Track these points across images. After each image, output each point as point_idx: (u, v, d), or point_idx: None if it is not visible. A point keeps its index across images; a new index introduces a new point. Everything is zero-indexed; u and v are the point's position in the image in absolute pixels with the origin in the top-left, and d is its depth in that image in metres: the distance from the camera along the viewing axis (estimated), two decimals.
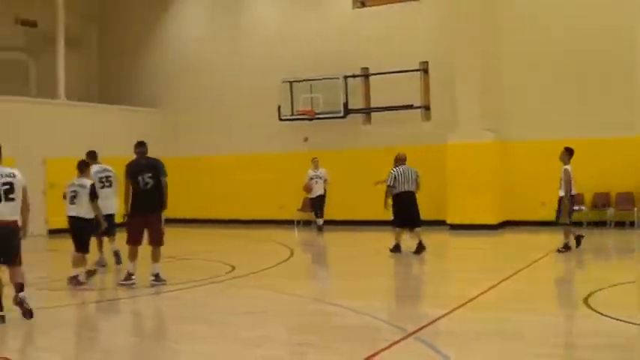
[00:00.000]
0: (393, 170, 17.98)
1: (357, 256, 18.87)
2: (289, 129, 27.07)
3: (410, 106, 24.92)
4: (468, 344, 9.08)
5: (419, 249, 17.78)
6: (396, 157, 18.28)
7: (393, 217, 18.24)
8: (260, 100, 27.66)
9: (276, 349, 9.17)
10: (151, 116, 30.01)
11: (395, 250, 17.95)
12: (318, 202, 24.14)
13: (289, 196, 26.33)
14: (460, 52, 23.50)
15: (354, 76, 25.97)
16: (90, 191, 14.35)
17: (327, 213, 24.32)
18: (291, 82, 26.53)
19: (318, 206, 24.17)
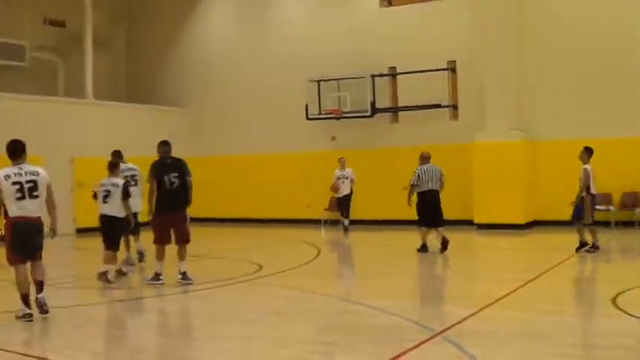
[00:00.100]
0: (417, 169, 17.99)
1: (383, 256, 18.85)
2: (316, 128, 27.07)
3: (437, 106, 24.87)
4: (494, 344, 9.03)
5: (444, 246, 17.81)
6: (421, 156, 18.25)
7: (417, 217, 18.23)
8: (287, 100, 27.67)
9: (303, 348, 9.15)
10: (178, 116, 30.11)
11: (422, 250, 17.89)
12: (344, 202, 24.06)
13: (316, 196, 26.34)
14: (488, 51, 23.43)
15: (381, 75, 25.90)
16: (122, 190, 14.59)
17: (354, 213, 24.26)
18: (319, 82, 26.49)
19: (344, 206, 24.10)
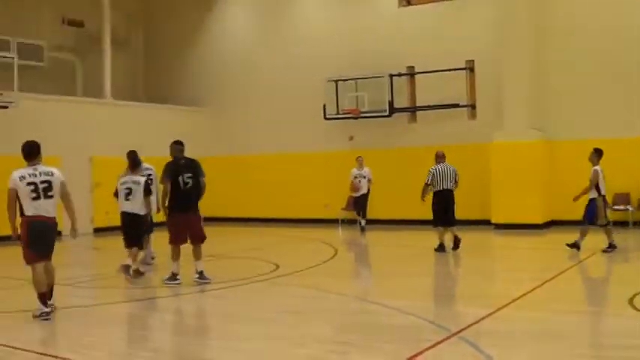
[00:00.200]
0: (431, 168, 18.04)
1: (400, 256, 18.84)
2: (334, 128, 27.07)
3: (456, 105, 24.83)
4: (511, 344, 9.01)
5: (455, 244, 17.94)
6: (436, 155, 18.30)
7: (433, 217, 18.25)
8: (305, 99, 27.68)
9: (320, 348, 9.15)
10: (196, 115, 30.17)
11: (439, 250, 17.88)
12: (361, 201, 24.03)
13: (334, 195, 26.35)
14: (506, 50, 23.37)
15: (399, 75, 25.87)
16: (144, 187, 14.74)
17: (371, 212, 24.25)
18: (337, 81, 26.50)
19: (360, 205, 24.07)
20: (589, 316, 10.68)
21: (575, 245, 17.05)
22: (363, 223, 23.84)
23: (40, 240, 10.97)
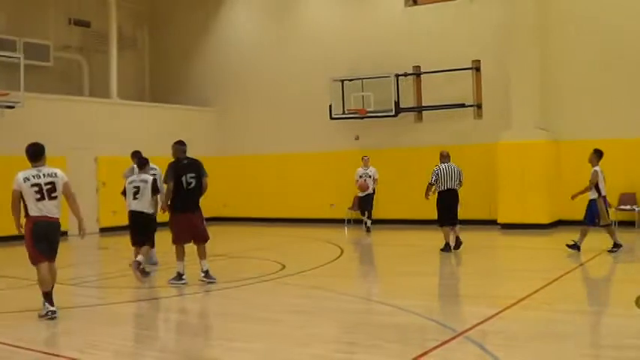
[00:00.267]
0: (435, 168, 18.08)
1: (406, 255, 18.83)
2: (340, 128, 27.04)
3: (462, 105, 24.78)
4: (517, 344, 8.97)
5: (457, 244, 18.01)
6: (440, 155, 18.34)
7: (437, 217, 18.27)
8: (311, 99, 27.65)
9: (325, 347, 9.14)
10: (203, 115, 30.16)
11: (445, 250, 17.87)
12: (366, 201, 24.00)
13: (340, 195, 26.32)
14: (513, 50, 23.30)
15: (405, 75, 25.82)
16: (152, 185, 14.79)
17: (377, 212, 24.23)
18: (342, 81, 26.47)
19: (365, 205, 24.04)
20: (595, 316, 10.65)
21: (575, 246, 17.03)
22: (368, 223, 23.80)
23: (45, 240, 11.06)
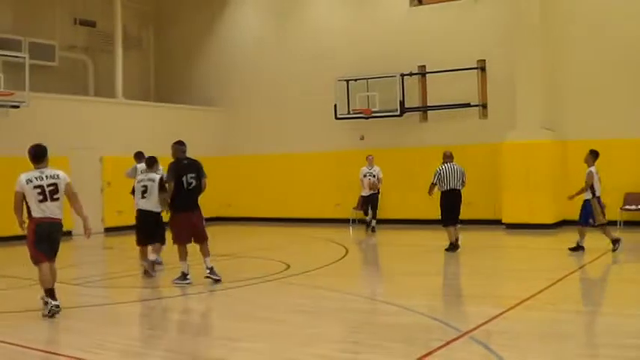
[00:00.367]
0: (438, 168, 18.12)
1: (411, 255, 18.81)
2: (345, 127, 27.03)
3: (467, 105, 24.75)
4: (521, 344, 8.96)
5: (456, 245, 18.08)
6: (443, 155, 18.36)
7: (441, 217, 18.31)
8: (316, 99, 27.63)
9: (330, 347, 9.14)
10: (208, 115, 30.16)
11: (450, 250, 17.89)
12: (370, 201, 23.96)
13: (345, 195, 26.29)
14: (518, 50, 23.25)
15: (410, 74, 25.78)
16: (159, 184, 14.87)
17: (382, 212, 24.22)
18: (348, 81, 26.46)
19: (369, 204, 23.95)
20: (599, 317, 10.63)
21: (578, 247, 17.01)
22: (373, 222, 23.77)
23: (47, 241, 11.20)
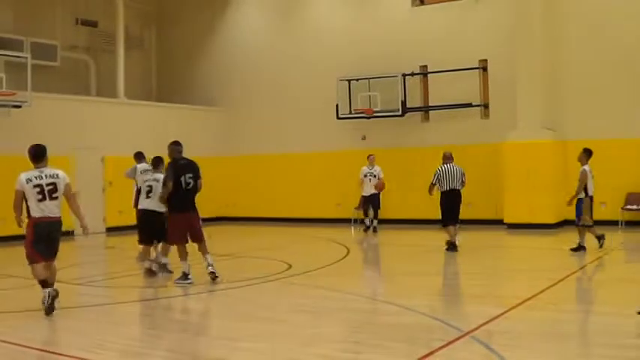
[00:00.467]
0: (437, 169, 18.16)
1: (412, 255, 18.82)
2: (347, 127, 27.03)
3: (469, 105, 24.76)
4: (523, 345, 8.95)
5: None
6: (443, 155, 18.41)
7: (441, 217, 18.35)
8: (318, 99, 27.64)
9: (331, 347, 9.14)
10: (209, 115, 30.17)
11: (450, 249, 17.89)
12: (371, 201, 23.88)
13: (346, 195, 26.27)
14: (520, 50, 23.24)
15: (412, 74, 25.80)
16: (163, 184, 14.80)
17: (384, 212, 24.21)
18: (349, 81, 26.47)
19: (370, 205, 23.88)
20: (601, 317, 10.62)
21: (580, 247, 17.01)
22: (375, 222, 23.78)
23: (46, 240, 11.32)
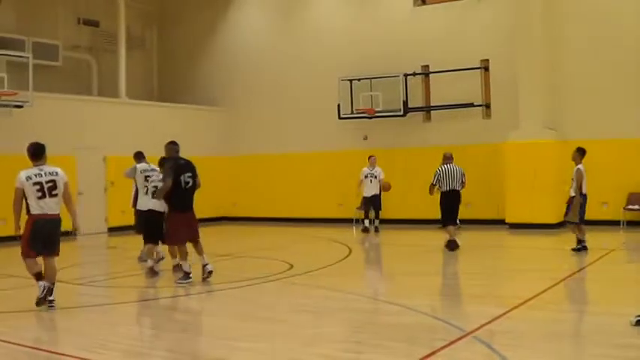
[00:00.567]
0: (437, 169, 18.20)
1: (413, 255, 18.80)
2: (349, 127, 27.02)
3: (470, 105, 24.75)
4: (525, 344, 8.94)
5: (455, 246, 18.06)
6: (443, 155, 18.46)
7: (441, 217, 18.40)
8: (319, 99, 27.63)
9: (332, 347, 9.13)
10: (211, 115, 30.16)
11: (451, 247, 17.92)
12: (372, 202, 23.85)
13: (348, 195, 26.22)
14: (522, 50, 23.21)
15: (414, 74, 25.78)
16: None
17: (386, 212, 24.22)
18: (351, 81, 26.45)
19: (370, 206, 23.86)
20: (602, 317, 10.61)
21: (581, 247, 17.01)
22: (376, 222, 23.78)
23: (42, 237, 11.51)
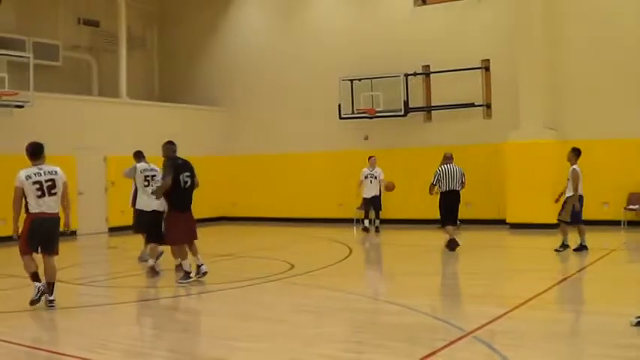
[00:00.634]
0: (438, 169, 18.23)
1: (414, 255, 18.79)
2: (349, 127, 27.00)
3: (471, 105, 24.73)
4: (525, 344, 8.94)
5: (454, 245, 18.05)
6: (443, 155, 18.50)
7: (440, 218, 18.45)
8: (320, 99, 27.63)
9: (333, 347, 9.12)
10: (211, 115, 30.15)
11: (451, 246, 17.93)
12: (372, 203, 23.83)
13: (348, 195, 26.19)
14: (522, 50, 23.20)
15: (414, 74, 25.77)
16: None
17: (387, 212, 24.21)
18: (352, 81, 26.44)
19: (370, 207, 23.85)
20: (603, 317, 10.59)
21: (582, 247, 17.00)
22: (377, 222, 23.78)
23: (40, 237, 11.62)
